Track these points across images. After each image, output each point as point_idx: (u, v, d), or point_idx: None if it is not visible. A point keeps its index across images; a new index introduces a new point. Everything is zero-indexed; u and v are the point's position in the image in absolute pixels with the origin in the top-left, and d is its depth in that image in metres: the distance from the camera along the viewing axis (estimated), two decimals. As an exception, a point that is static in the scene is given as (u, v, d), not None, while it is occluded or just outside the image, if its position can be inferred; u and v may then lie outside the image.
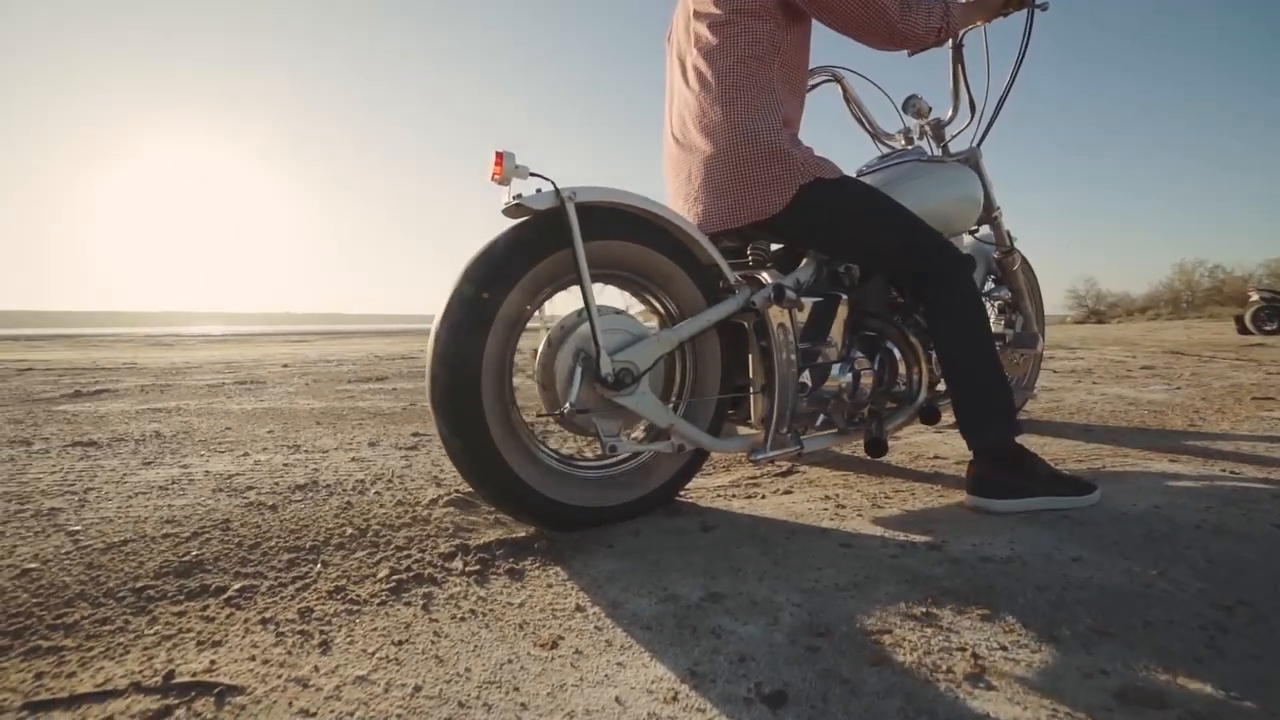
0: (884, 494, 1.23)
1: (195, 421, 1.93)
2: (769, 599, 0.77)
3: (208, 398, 2.46)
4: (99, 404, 2.28)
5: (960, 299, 1.15)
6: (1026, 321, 1.73)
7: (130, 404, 2.28)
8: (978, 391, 1.12)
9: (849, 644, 0.66)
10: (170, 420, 1.94)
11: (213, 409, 2.18)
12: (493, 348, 0.95)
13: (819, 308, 1.25)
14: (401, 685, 0.61)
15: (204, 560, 0.89)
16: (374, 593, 0.81)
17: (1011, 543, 0.93)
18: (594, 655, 0.66)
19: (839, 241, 1.20)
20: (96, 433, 1.73)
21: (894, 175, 1.37)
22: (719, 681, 0.60)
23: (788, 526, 1.05)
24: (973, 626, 0.69)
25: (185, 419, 1.97)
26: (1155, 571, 0.82)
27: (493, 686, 0.60)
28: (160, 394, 2.55)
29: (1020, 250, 1.72)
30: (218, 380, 3.07)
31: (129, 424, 1.87)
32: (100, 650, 0.68)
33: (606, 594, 0.80)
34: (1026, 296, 1.74)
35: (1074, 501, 1.08)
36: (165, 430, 1.77)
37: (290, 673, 0.63)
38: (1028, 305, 1.74)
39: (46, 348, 6.67)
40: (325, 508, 1.13)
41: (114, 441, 1.62)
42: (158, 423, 1.89)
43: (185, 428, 1.82)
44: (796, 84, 1.17)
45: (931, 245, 1.17)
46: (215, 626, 0.73)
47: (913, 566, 0.86)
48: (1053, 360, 3.93)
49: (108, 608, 0.77)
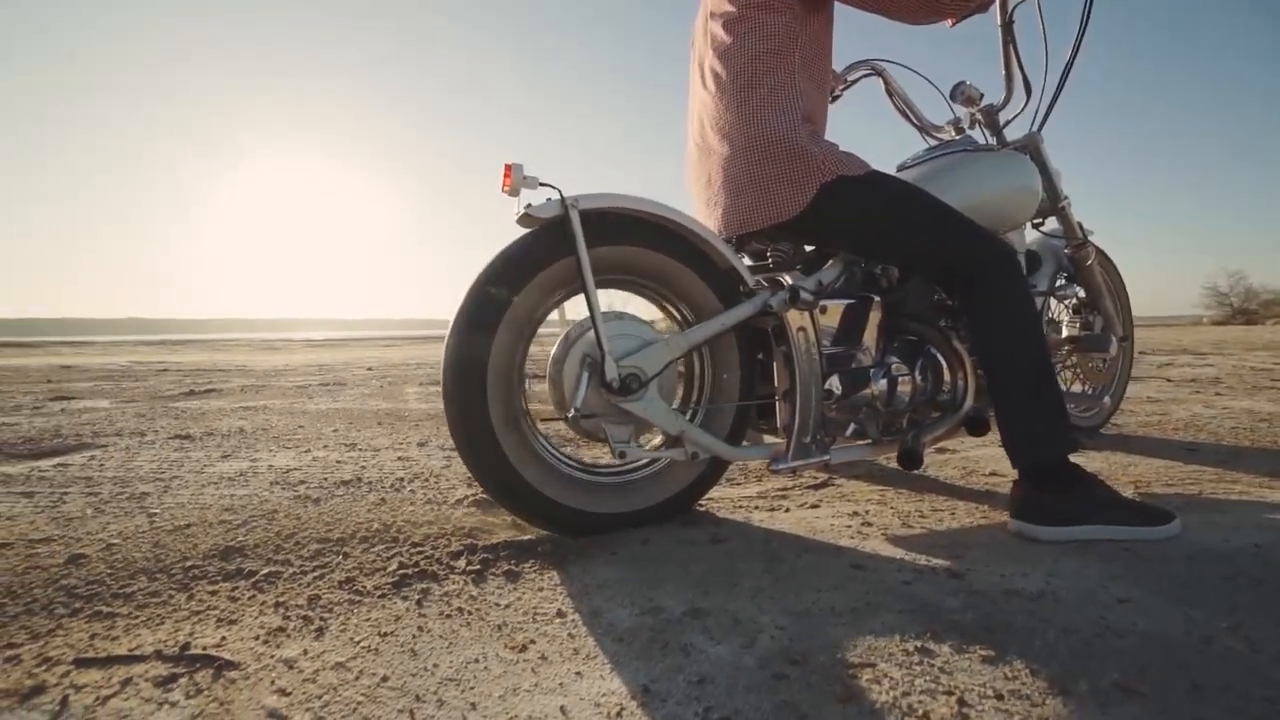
0: (920, 512, 1.14)
1: (275, 419, 2.14)
2: (754, 619, 0.74)
3: (293, 398, 2.73)
4: (205, 402, 2.60)
5: (1004, 298, 1.04)
6: (1107, 322, 1.54)
7: (229, 402, 2.57)
8: (1023, 401, 1.01)
9: (821, 676, 0.61)
10: (255, 417, 2.17)
11: (293, 408, 2.42)
12: (499, 350, 0.98)
13: (850, 310, 1.18)
14: (372, 674, 0.64)
15: (245, 546, 0.99)
16: (378, 585, 0.86)
17: (1050, 576, 0.83)
18: (557, 663, 0.66)
19: (867, 241, 1.13)
20: (194, 427, 1.97)
21: (935, 168, 1.27)
22: (669, 702, 0.58)
23: (802, 543, 1.00)
24: (970, 668, 0.62)
25: (267, 417, 2.20)
26: (1226, 624, 0.70)
27: (452, 684, 0.62)
28: (255, 394, 2.86)
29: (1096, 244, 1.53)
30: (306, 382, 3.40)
31: (222, 420, 2.12)
32: (143, 619, 0.77)
33: (591, 601, 0.80)
34: (1106, 294, 1.54)
35: (1141, 532, 0.94)
36: (248, 426, 1.99)
37: (282, 653, 0.68)
38: (1107, 303, 1.55)
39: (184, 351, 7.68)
40: (361, 503, 1.21)
41: (205, 436, 1.84)
42: (244, 420, 2.12)
43: (265, 425, 2.03)
44: (819, 76, 1.11)
45: (971, 242, 1.07)
46: (236, 606, 0.80)
47: (924, 594, 0.78)
48: (1171, 367, 3.45)
49: (159, 582, 0.87)
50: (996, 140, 1.44)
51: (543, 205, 0.99)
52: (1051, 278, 1.54)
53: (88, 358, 6.33)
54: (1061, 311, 1.64)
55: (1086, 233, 1.50)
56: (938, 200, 1.10)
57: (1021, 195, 1.29)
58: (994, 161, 1.29)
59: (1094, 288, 1.53)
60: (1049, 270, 1.53)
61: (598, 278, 1.08)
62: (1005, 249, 1.08)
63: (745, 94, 1.07)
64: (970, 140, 1.38)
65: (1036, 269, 1.48)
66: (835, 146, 1.08)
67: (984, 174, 1.26)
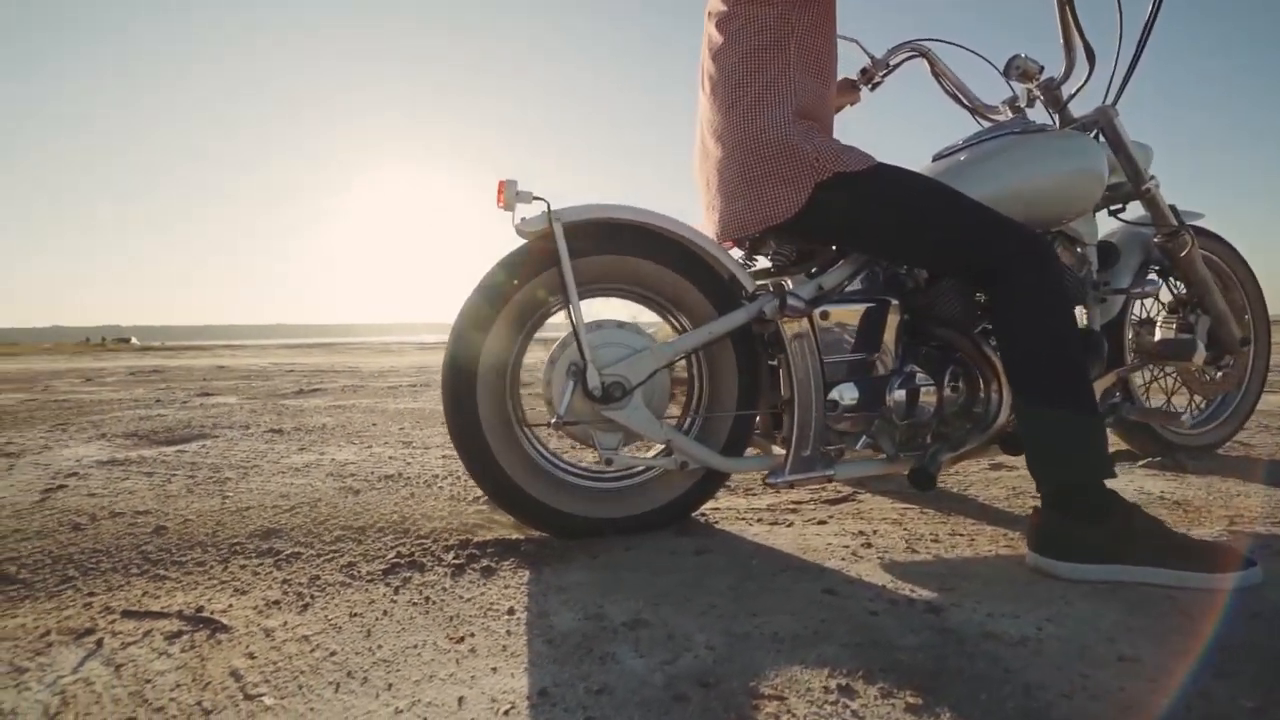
0: (935, 535, 1.03)
1: (355, 417, 2.41)
2: (689, 636, 0.72)
3: (380, 398, 3.04)
4: (307, 400, 2.98)
5: (1028, 293, 0.92)
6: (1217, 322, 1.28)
7: (326, 401, 2.92)
8: (1049, 413, 0.88)
9: (722, 703, 0.59)
10: (340, 415, 2.46)
11: (375, 407, 2.69)
12: (488, 354, 1.04)
13: (865, 315, 1.10)
14: (325, 649, 0.72)
15: (283, 529, 1.13)
16: (371, 571, 0.95)
17: (1047, 620, 0.72)
18: (483, 657, 0.69)
19: (871, 241, 1.05)
20: (289, 423, 2.27)
21: (970, 156, 1.14)
22: (558, 708, 0.59)
23: (787, 561, 0.95)
24: (886, 716, 0.56)
25: (350, 415, 2.47)
26: (1252, 703, 0.56)
27: (384, 665, 0.68)
28: (352, 394, 3.23)
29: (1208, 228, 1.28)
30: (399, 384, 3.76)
31: (313, 417, 2.42)
32: (183, 584, 0.92)
33: (545, 602, 0.83)
34: (1213, 290, 1.29)
35: (1193, 578, 0.78)
36: (330, 423, 2.25)
37: (267, 623, 0.78)
38: (1217, 300, 1.29)
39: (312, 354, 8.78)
40: (392, 496, 1.33)
41: (294, 430, 2.12)
42: (330, 417, 2.41)
43: (345, 422, 2.29)
44: (820, 67, 1.05)
45: (989, 235, 0.95)
46: (253, 579, 0.93)
47: (884, 628, 0.72)
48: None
49: (208, 554, 1.03)
50: (1059, 118, 1.27)
51: (531, 220, 1.04)
52: (1136, 273, 1.31)
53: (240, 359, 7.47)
54: (1157, 312, 1.39)
55: (1185, 217, 1.26)
56: (952, 191, 0.99)
57: (1080, 179, 1.13)
58: (1045, 143, 1.14)
59: (1197, 282, 1.28)
60: (1132, 264, 1.30)
61: (591, 285, 1.11)
62: (1032, 240, 0.95)
63: (737, 94, 1.04)
64: (1024, 120, 1.23)
65: (1113, 263, 1.27)
66: (834, 142, 1.02)
67: (1031, 158, 1.12)
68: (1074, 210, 1.15)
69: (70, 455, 1.76)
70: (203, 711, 0.61)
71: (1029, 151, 1.12)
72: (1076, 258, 1.22)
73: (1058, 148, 1.13)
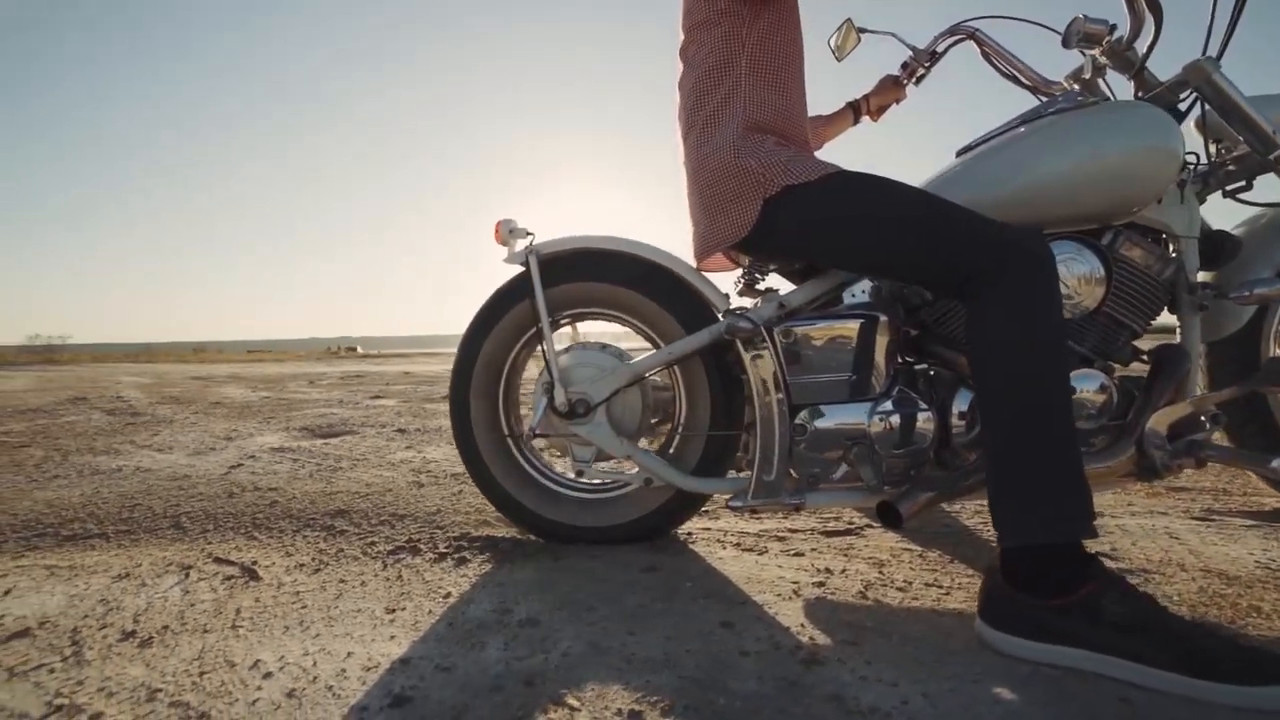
0: (906, 582, 0.92)
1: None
2: (555, 643, 0.77)
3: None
4: (442, 405, 3.50)
5: (999, 313, 0.78)
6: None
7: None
8: (1017, 453, 0.73)
9: (524, 701, 0.64)
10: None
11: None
12: (480, 369, 1.20)
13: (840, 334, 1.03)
14: (295, 601, 0.92)
15: (351, 511, 1.42)
16: (380, 550, 1.16)
17: (924, 695, 0.62)
18: (395, 627, 0.83)
19: (828, 253, 0.97)
20: (413, 424, 2.73)
21: (987, 149, 1.00)
22: (398, 675, 0.70)
23: (721, 589, 0.94)
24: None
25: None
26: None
27: (328, 620, 0.85)
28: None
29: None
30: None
31: (436, 420, 2.86)
32: (259, 543, 1.22)
33: (477, 593, 0.94)
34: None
35: (1174, 682, 0.59)
36: (447, 425, 2.65)
37: (285, 579, 1.02)
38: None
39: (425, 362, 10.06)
40: (444, 491, 1.57)
41: (415, 430, 2.54)
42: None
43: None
44: (776, 78, 1.01)
45: (960, 243, 0.83)
46: (304, 546, 1.20)
47: (734, 669, 0.69)
48: None
49: (291, 524, 1.34)
50: (1135, 85, 1.03)
51: (515, 254, 1.18)
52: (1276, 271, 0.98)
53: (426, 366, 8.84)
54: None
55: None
56: (920, 196, 0.89)
57: (1139, 159, 0.90)
58: (1082, 121, 0.94)
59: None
60: (1259, 261, 0.97)
61: (572, 311, 1.21)
62: (1016, 248, 0.80)
63: (691, 119, 1.06)
64: (1072, 96, 1.02)
65: (1226, 260, 0.97)
66: (783, 153, 0.97)
67: (1063, 142, 0.93)
68: (1133, 199, 0.93)
69: (261, 442, 2.36)
70: (203, 631, 0.84)
71: (1059, 134, 0.94)
72: (1155, 256, 0.97)
73: (1099, 124, 0.92)
